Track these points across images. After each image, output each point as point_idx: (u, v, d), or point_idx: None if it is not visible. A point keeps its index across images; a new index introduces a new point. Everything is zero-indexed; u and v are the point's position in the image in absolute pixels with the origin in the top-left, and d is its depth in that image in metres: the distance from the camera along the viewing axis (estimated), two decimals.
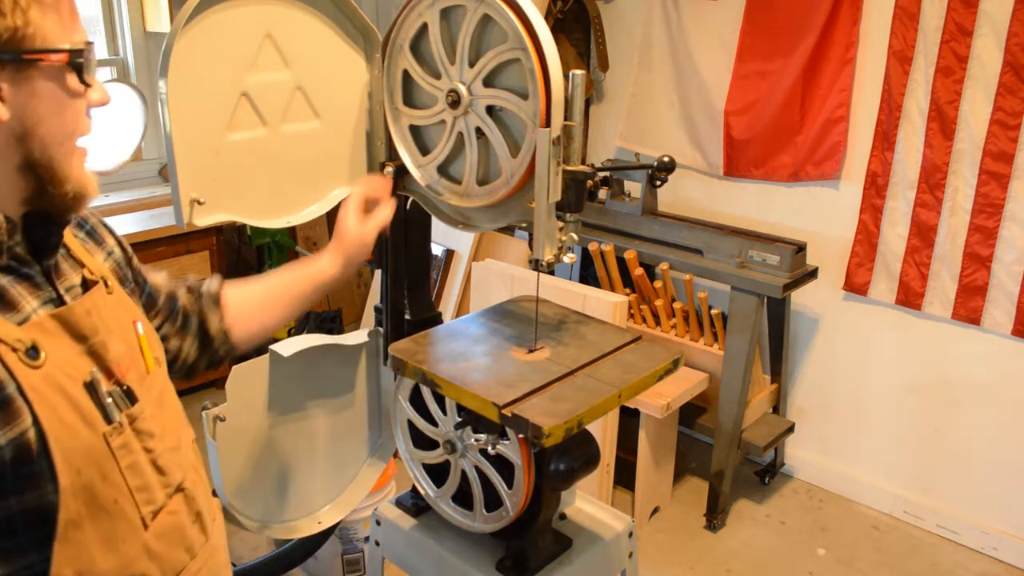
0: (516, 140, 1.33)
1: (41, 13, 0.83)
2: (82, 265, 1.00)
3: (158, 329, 1.22)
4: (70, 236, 1.02)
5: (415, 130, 1.48)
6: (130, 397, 0.97)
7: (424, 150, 1.48)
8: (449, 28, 1.36)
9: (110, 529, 0.92)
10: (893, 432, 3.08)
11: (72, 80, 0.88)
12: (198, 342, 1.30)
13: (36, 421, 0.84)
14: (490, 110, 1.35)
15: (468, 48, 1.33)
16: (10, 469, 0.84)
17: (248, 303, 1.38)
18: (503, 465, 1.45)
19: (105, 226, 1.14)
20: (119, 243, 1.15)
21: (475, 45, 1.33)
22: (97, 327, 0.95)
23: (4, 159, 0.87)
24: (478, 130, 1.37)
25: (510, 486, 1.44)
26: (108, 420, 0.92)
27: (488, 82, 1.33)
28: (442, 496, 1.57)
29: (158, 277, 1.26)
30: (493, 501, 1.49)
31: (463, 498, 1.55)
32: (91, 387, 0.92)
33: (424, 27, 1.39)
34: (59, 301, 0.94)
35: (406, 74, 1.46)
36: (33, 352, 0.86)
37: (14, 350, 0.84)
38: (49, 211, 0.92)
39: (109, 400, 0.93)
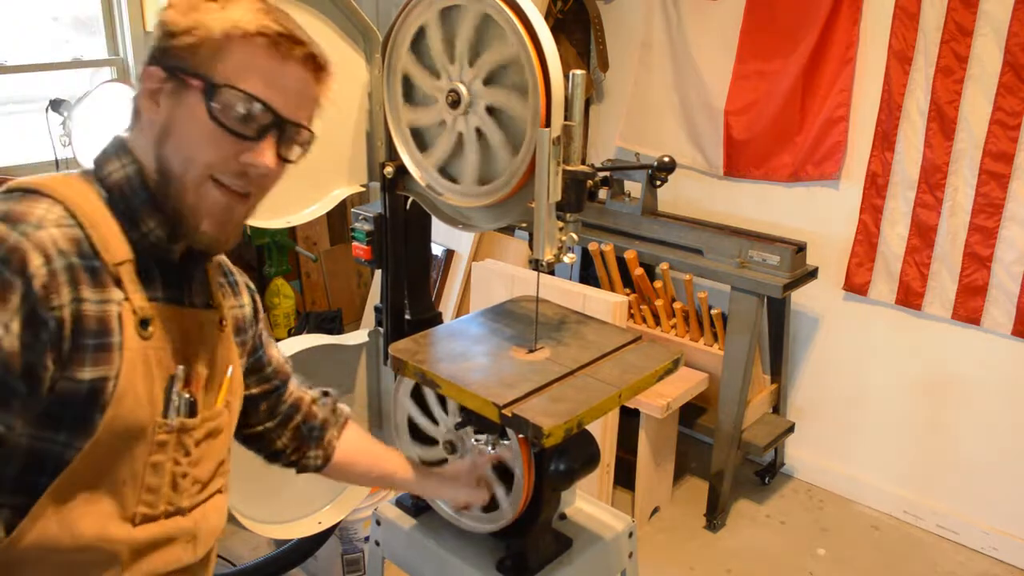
0: (516, 140, 1.33)
1: (246, 66, 0.96)
2: (210, 297, 1.12)
3: (253, 395, 1.29)
4: (213, 275, 1.14)
5: (415, 129, 1.48)
6: (192, 410, 1.04)
7: (423, 148, 1.48)
8: (449, 28, 1.36)
9: (103, 506, 0.97)
10: (893, 432, 3.07)
11: (227, 123, 0.96)
12: (298, 439, 1.36)
13: (117, 376, 0.93)
14: (490, 110, 1.35)
15: (467, 48, 1.33)
16: (80, 406, 0.92)
17: (357, 445, 1.44)
18: (503, 465, 1.46)
19: (248, 288, 1.24)
20: (254, 305, 1.25)
21: (475, 45, 1.33)
22: (199, 341, 1.07)
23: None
24: (478, 130, 1.36)
25: (509, 487, 1.44)
26: (165, 414, 1.00)
27: (488, 82, 1.33)
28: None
29: (279, 355, 1.33)
30: (492, 502, 1.49)
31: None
32: (171, 379, 1.01)
33: (424, 27, 1.39)
34: (182, 303, 1.05)
35: (406, 74, 1.46)
36: (144, 324, 0.97)
37: (134, 313, 0.95)
38: (187, 243, 1.03)
39: (175, 400, 1.01)
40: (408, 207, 1.62)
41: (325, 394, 1.42)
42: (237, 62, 0.96)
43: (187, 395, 1.03)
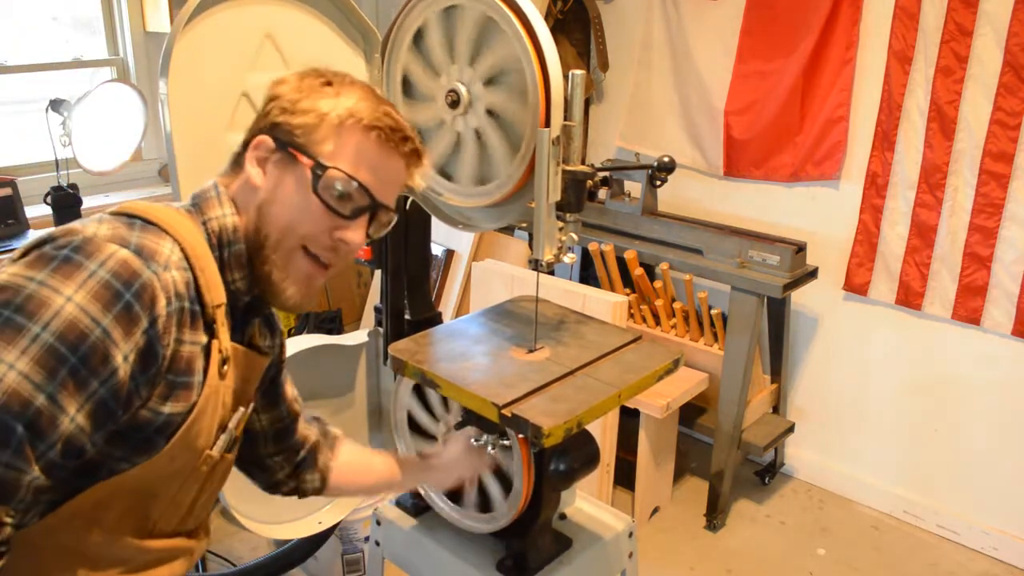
0: (515, 142, 1.33)
1: (354, 155, 1.05)
2: (255, 339, 1.19)
3: (264, 428, 1.34)
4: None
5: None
6: (230, 446, 1.10)
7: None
8: (450, 28, 1.36)
9: (130, 516, 1.02)
10: (893, 432, 3.08)
11: (329, 201, 1.04)
12: (295, 467, 1.39)
13: (191, 410, 1.00)
14: (489, 112, 1.34)
15: (468, 48, 1.33)
16: (151, 432, 0.97)
17: (351, 460, 1.46)
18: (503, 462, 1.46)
19: (279, 330, 1.29)
20: (281, 346, 1.30)
21: (475, 45, 1.32)
22: (253, 382, 1.15)
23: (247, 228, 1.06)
24: (476, 131, 1.36)
25: (508, 487, 1.44)
26: (211, 446, 1.07)
27: (488, 83, 1.32)
28: (439, 495, 1.57)
29: (292, 393, 1.38)
30: (490, 503, 1.49)
31: (462, 498, 1.55)
32: (231, 418, 1.10)
33: (425, 25, 1.38)
34: (242, 344, 1.12)
35: (406, 72, 1.45)
36: (224, 363, 1.03)
37: (219, 352, 1.02)
38: (266, 301, 1.11)
39: (224, 435, 1.09)
40: (408, 207, 1.62)
41: (315, 419, 1.45)
42: (349, 148, 1.05)
43: (235, 433, 1.11)
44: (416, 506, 1.67)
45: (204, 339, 1.01)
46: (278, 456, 1.36)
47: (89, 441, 0.91)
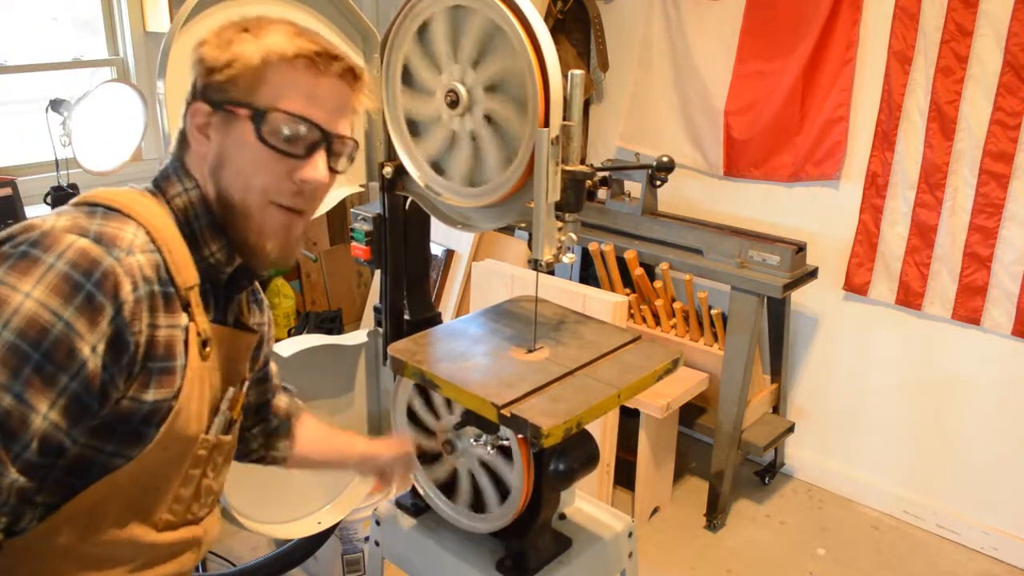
0: (510, 151, 1.31)
1: (293, 89, 0.99)
2: (243, 316, 1.18)
3: (250, 403, 1.33)
4: (246, 295, 1.20)
5: (411, 120, 1.46)
6: (229, 428, 1.11)
7: (416, 134, 1.46)
8: (455, 26, 1.34)
9: (133, 510, 1.02)
10: (893, 432, 3.07)
11: (278, 145, 1.00)
12: (268, 435, 1.39)
13: (177, 396, 0.98)
14: (487, 118, 1.33)
15: (473, 51, 1.31)
16: (137, 423, 0.96)
17: (315, 434, 1.46)
18: (503, 459, 1.45)
19: (267, 306, 1.29)
20: (268, 324, 1.29)
21: (480, 51, 1.31)
22: (242, 360, 1.14)
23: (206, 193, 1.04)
24: (472, 133, 1.36)
25: (508, 486, 1.44)
26: (207, 430, 1.05)
27: (489, 89, 1.32)
28: (437, 494, 1.57)
29: (275, 367, 1.38)
30: (483, 502, 1.49)
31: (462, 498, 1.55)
32: (220, 399, 1.08)
33: (431, 20, 1.37)
34: (226, 324, 1.10)
35: (407, 61, 1.43)
36: (204, 345, 1.01)
37: (198, 335, 1.00)
38: (250, 265, 1.09)
39: (218, 417, 1.08)
40: (407, 207, 1.61)
41: (284, 388, 1.45)
42: (278, 85, 0.99)
43: (229, 414, 1.10)
44: (416, 506, 1.67)
45: (184, 321, 0.99)
46: (255, 428, 1.37)
47: (67, 438, 0.89)
